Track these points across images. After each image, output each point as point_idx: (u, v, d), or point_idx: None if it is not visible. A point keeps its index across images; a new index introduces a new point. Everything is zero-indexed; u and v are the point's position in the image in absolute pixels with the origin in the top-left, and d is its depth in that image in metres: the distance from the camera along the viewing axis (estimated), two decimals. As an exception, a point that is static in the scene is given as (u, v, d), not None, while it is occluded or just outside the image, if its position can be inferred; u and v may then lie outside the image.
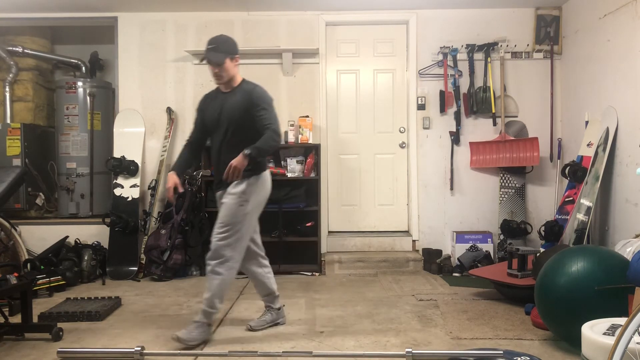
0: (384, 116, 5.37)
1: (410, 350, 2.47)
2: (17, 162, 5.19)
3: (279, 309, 3.35)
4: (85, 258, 4.68)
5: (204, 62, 3.04)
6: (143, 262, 4.80)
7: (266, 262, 3.29)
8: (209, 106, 3.15)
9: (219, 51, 2.99)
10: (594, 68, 4.57)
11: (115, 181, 5.08)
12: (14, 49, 5.55)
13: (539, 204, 5.21)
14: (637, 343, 1.91)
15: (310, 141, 5.09)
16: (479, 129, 5.23)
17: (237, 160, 2.83)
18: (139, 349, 2.68)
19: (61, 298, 3.97)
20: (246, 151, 2.83)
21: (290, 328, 3.30)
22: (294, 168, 5.03)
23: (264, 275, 3.27)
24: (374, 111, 5.38)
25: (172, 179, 3.04)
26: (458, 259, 4.94)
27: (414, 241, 5.26)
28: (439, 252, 5.08)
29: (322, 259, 4.98)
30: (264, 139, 2.91)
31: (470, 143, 5.22)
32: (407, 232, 5.36)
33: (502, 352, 2.57)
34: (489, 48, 5.15)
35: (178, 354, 2.78)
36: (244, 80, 3.12)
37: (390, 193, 5.39)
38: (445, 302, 3.84)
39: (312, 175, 5.05)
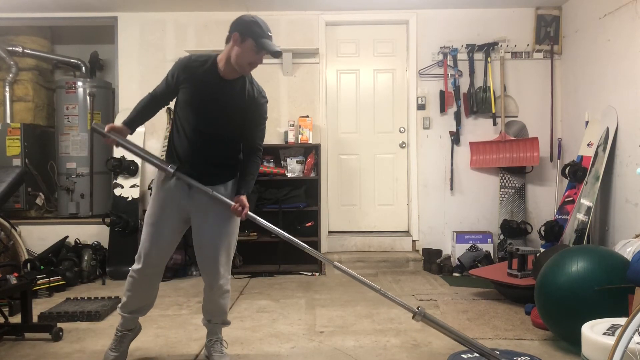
0: (384, 116, 5.37)
1: (422, 308, 2.43)
2: (17, 162, 5.19)
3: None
4: (85, 258, 4.68)
5: (268, 54, 2.46)
6: (143, 262, 4.79)
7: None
8: (203, 86, 2.51)
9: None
10: (594, 68, 4.57)
11: (115, 181, 5.08)
12: (14, 49, 5.55)
13: (539, 204, 5.21)
14: (637, 343, 1.91)
15: (310, 141, 5.09)
16: (479, 129, 5.23)
17: (246, 204, 2.54)
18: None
19: (61, 298, 3.97)
20: (244, 192, 2.55)
21: (290, 328, 3.30)
22: (294, 168, 5.03)
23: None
24: (374, 111, 5.38)
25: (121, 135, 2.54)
26: (458, 259, 4.94)
27: (414, 241, 5.26)
28: (439, 252, 5.08)
29: (322, 259, 4.97)
30: (253, 172, 2.61)
31: (470, 143, 5.22)
32: (407, 232, 5.36)
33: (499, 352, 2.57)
34: (489, 48, 5.15)
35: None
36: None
37: (390, 193, 5.39)
38: (445, 302, 3.84)
39: (312, 175, 5.05)
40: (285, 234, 2.61)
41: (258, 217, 2.57)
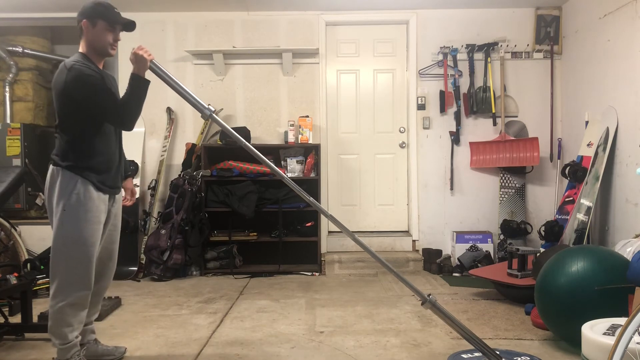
0: (384, 116, 5.37)
1: (432, 296, 2.48)
2: (17, 162, 5.18)
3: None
4: (85, 258, 4.67)
5: (119, 27, 2.60)
6: (143, 262, 4.80)
7: None
8: (109, 82, 2.65)
9: None
10: (594, 68, 4.57)
11: (115, 181, 5.07)
12: (14, 49, 5.54)
13: (539, 204, 5.21)
14: (637, 343, 1.91)
15: (310, 141, 5.09)
16: (479, 129, 5.23)
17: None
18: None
19: (61, 298, 3.96)
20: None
21: (291, 328, 3.30)
22: (294, 168, 5.03)
23: None
24: (374, 111, 5.38)
25: None
26: (458, 259, 4.94)
27: (414, 241, 5.26)
28: (439, 252, 5.08)
29: (322, 259, 4.98)
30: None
31: (470, 143, 5.22)
32: (407, 232, 5.36)
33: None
34: (489, 48, 5.15)
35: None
36: None
37: (390, 193, 5.39)
38: (445, 302, 3.83)
39: (312, 175, 5.05)
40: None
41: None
